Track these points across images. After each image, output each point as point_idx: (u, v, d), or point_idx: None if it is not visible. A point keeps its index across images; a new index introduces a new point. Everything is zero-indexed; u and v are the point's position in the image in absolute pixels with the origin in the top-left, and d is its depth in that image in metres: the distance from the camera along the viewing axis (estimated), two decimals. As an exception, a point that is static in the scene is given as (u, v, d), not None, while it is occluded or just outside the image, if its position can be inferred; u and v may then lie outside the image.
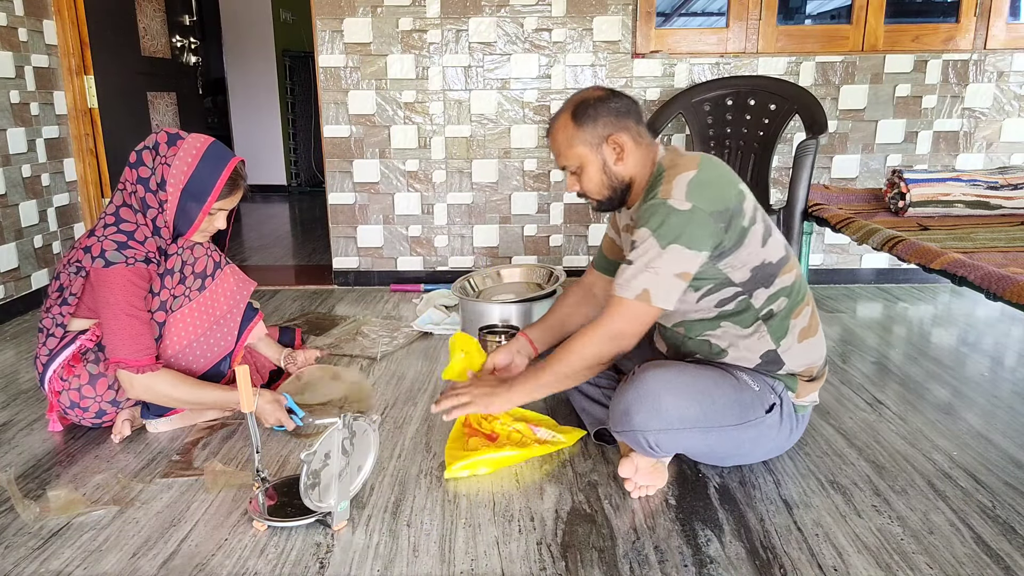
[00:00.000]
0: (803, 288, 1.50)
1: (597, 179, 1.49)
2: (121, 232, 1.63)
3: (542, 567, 1.26)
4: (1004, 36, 2.97)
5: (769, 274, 1.44)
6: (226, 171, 1.65)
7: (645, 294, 1.36)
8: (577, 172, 1.50)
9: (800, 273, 1.50)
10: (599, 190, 1.51)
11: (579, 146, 1.47)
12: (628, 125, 1.47)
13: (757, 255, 1.42)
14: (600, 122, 1.45)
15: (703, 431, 1.41)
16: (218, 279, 1.78)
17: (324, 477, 1.31)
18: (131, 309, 1.59)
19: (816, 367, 1.52)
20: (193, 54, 4.01)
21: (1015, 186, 2.23)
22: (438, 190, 3.18)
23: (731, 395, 1.43)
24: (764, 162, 2.78)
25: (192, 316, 1.72)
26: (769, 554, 1.28)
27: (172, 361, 1.70)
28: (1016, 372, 2.15)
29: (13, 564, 1.27)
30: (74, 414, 1.71)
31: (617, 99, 1.47)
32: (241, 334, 1.82)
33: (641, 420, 1.38)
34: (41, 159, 2.89)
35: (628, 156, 1.47)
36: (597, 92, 1.48)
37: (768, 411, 1.46)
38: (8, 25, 2.69)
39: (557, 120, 1.50)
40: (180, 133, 1.68)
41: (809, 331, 1.49)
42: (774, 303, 1.45)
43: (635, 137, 1.47)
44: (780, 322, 1.46)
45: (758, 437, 1.48)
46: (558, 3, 2.98)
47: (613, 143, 1.46)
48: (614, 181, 1.49)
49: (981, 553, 1.28)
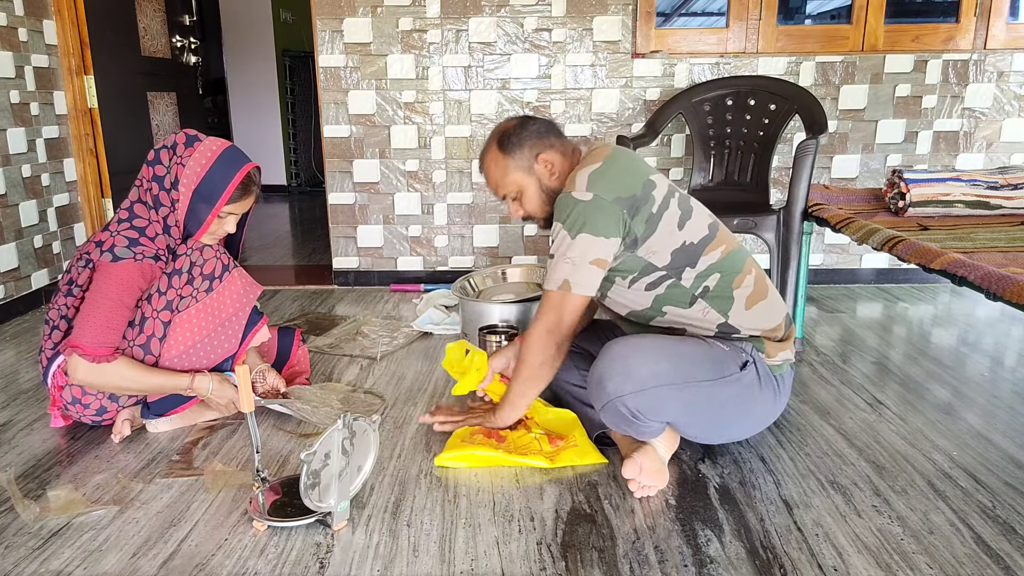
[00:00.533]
0: (738, 259, 1.54)
1: (537, 199, 1.60)
2: (133, 228, 1.64)
3: (542, 567, 1.26)
4: (1004, 36, 2.97)
5: (693, 254, 1.50)
6: (238, 175, 1.66)
7: (566, 284, 1.46)
8: (518, 198, 1.61)
9: (734, 246, 1.55)
10: (542, 208, 1.61)
11: (513, 172, 1.58)
12: (551, 142, 1.58)
13: (675, 238, 1.49)
14: (526, 146, 1.57)
15: (679, 388, 1.42)
16: (226, 282, 1.78)
17: (324, 477, 1.31)
18: (118, 303, 1.60)
19: (777, 328, 1.56)
20: (193, 54, 4.01)
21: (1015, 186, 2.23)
22: (438, 190, 3.18)
23: (701, 350, 1.48)
24: (764, 162, 2.78)
25: (198, 317, 1.72)
26: (769, 554, 1.28)
27: (175, 361, 1.70)
28: (1016, 372, 2.15)
29: (13, 564, 1.27)
30: (75, 410, 1.71)
31: (532, 122, 1.59)
32: (245, 338, 1.82)
33: (614, 386, 1.40)
34: (41, 159, 2.89)
35: (559, 169, 1.58)
36: (513, 122, 1.61)
37: (743, 368, 1.48)
38: (8, 25, 2.69)
39: (486, 156, 1.62)
40: (199, 135, 1.69)
41: (756, 296, 1.54)
42: (707, 279, 1.51)
43: (561, 151, 1.58)
44: (720, 295, 1.51)
45: (741, 397, 1.49)
46: (558, 3, 2.98)
47: (543, 161, 1.57)
48: (552, 196, 1.58)
49: (981, 553, 1.28)
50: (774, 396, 1.54)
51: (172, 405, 1.74)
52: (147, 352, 1.66)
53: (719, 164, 2.90)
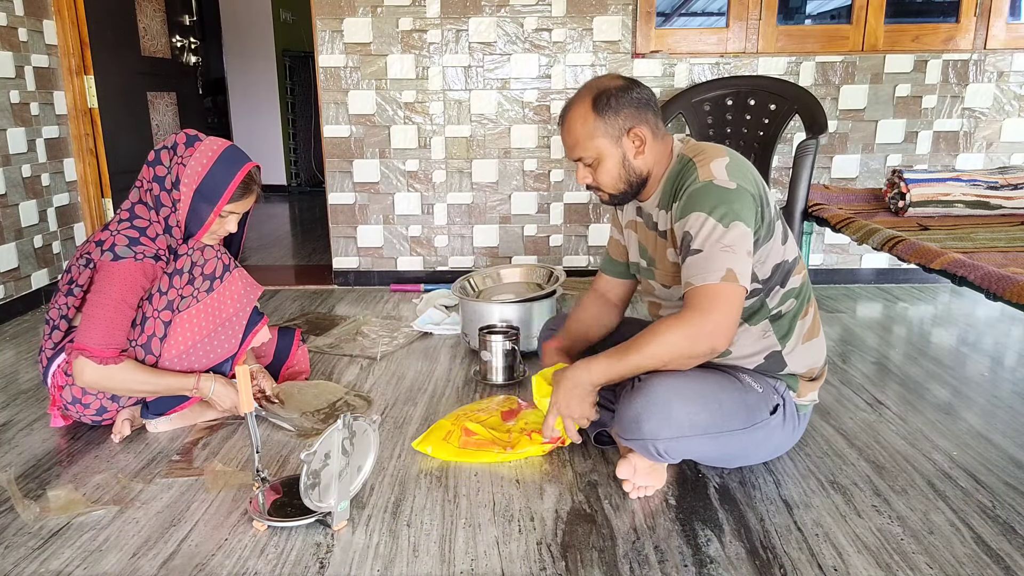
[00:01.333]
0: (809, 290, 1.51)
1: (615, 172, 1.44)
2: (134, 228, 1.64)
3: (542, 567, 1.26)
4: (1004, 36, 2.97)
5: (786, 272, 1.43)
6: (239, 175, 1.66)
7: (731, 274, 1.28)
8: (593, 164, 1.45)
9: (807, 275, 1.50)
10: (615, 184, 1.45)
11: (599, 138, 1.41)
12: (648, 117, 1.42)
13: (778, 252, 1.41)
14: (622, 114, 1.40)
15: (712, 437, 1.40)
16: (226, 282, 1.78)
17: (324, 477, 1.31)
18: (121, 303, 1.60)
19: (817, 367, 1.53)
20: (193, 54, 4.01)
21: (1015, 186, 2.23)
22: (438, 190, 3.18)
23: (737, 398, 1.42)
24: (764, 162, 2.78)
25: (199, 317, 1.72)
26: (769, 554, 1.28)
27: (175, 361, 1.70)
28: (1016, 372, 2.15)
29: (13, 564, 1.27)
30: (75, 410, 1.71)
31: (637, 89, 1.42)
32: (245, 338, 1.82)
33: (651, 428, 1.35)
34: (41, 159, 2.89)
35: (648, 150, 1.43)
36: (617, 81, 1.42)
37: (772, 412, 1.46)
38: (8, 25, 2.69)
39: (574, 109, 1.43)
40: (199, 135, 1.69)
41: (812, 332, 1.50)
42: (784, 303, 1.45)
43: (654, 130, 1.43)
44: (787, 323, 1.46)
45: (764, 439, 1.48)
46: (558, 3, 2.98)
47: (634, 136, 1.41)
48: (632, 175, 1.44)
49: (981, 553, 1.28)
50: (793, 431, 1.53)
51: (171, 405, 1.74)
52: (148, 352, 1.66)
53: (719, 164, 2.89)
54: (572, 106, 1.44)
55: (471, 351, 2.35)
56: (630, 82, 1.43)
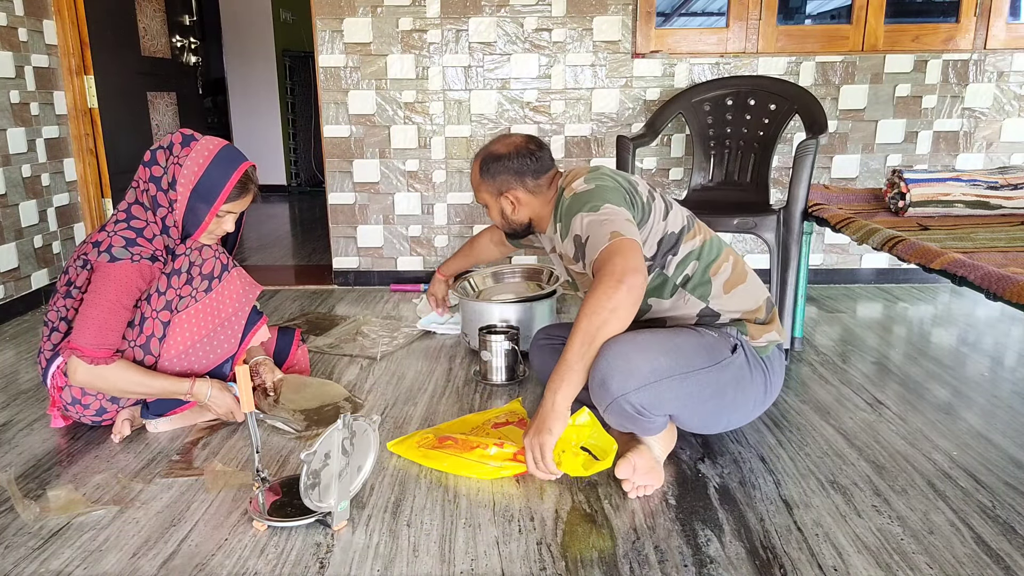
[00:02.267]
0: (715, 248, 1.61)
1: (499, 220, 1.76)
2: (131, 229, 1.63)
3: (542, 567, 1.26)
4: (1004, 36, 2.97)
5: (673, 243, 1.56)
6: (236, 174, 1.66)
7: (616, 235, 1.41)
8: (487, 208, 1.77)
9: (709, 237, 1.62)
10: (504, 225, 1.78)
11: (483, 193, 1.74)
12: (525, 183, 1.68)
13: (660, 228, 1.56)
14: (498, 179, 1.68)
15: (680, 379, 1.43)
16: (225, 281, 1.78)
17: (324, 477, 1.31)
18: (116, 304, 1.59)
19: (758, 310, 1.59)
20: (193, 54, 4.01)
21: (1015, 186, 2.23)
22: (438, 190, 3.18)
23: (694, 340, 1.50)
24: (764, 162, 2.78)
25: (197, 317, 1.72)
26: (769, 554, 1.28)
27: (174, 361, 1.70)
28: (1016, 372, 2.15)
29: (13, 564, 1.27)
30: (75, 411, 1.71)
31: (519, 158, 1.66)
32: (244, 337, 1.82)
33: (617, 384, 1.38)
34: (41, 159, 2.89)
35: (523, 206, 1.70)
36: (503, 150, 1.68)
37: (733, 351, 1.51)
38: (8, 25, 2.69)
39: (474, 163, 1.75)
40: (195, 135, 1.69)
41: (734, 280, 1.59)
42: (686, 267, 1.56)
43: (532, 191, 1.69)
44: (699, 282, 1.57)
45: (736, 381, 1.50)
46: (558, 3, 2.98)
47: (509, 197, 1.70)
48: (513, 224, 1.75)
49: (981, 553, 1.28)
50: (764, 379, 1.55)
51: (172, 405, 1.73)
52: (147, 352, 1.66)
53: (719, 164, 2.90)
54: (474, 160, 1.75)
55: (471, 351, 2.35)
56: (515, 151, 1.68)
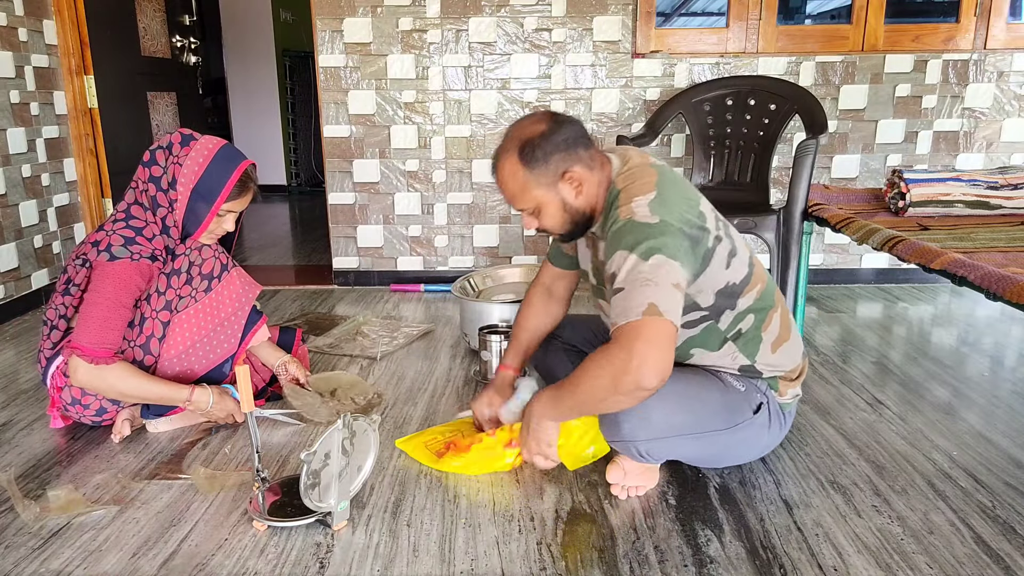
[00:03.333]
0: (768, 296, 1.46)
1: (559, 217, 1.40)
2: (130, 228, 1.63)
3: (542, 567, 1.26)
4: (1004, 36, 2.97)
5: (733, 295, 1.40)
6: (236, 173, 1.65)
7: (652, 308, 1.21)
8: (535, 213, 1.40)
9: (766, 281, 1.46)
10: (562, 226, 1.42)
11: (534, 190, 1.36)
12: (579, 155, 1.36)
13: (721, 277, 1.37)
14: (552, 162, 1.34)
15: (694, 438, 1.41)
16: (224, 281, 1.78)
17: (324, 477, 1.31)
18: (116, 303, 1.59)
19: (795, 368, 1.52)
20: (193, 54, 4.00)
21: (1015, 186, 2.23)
22: (438, 190, 3.18)
23: (718, 398, 1.43)
24: (764, 162, 2.78)
25: (197, 317, 1.72)
26: (769, 554, 1.28)
27: (174, 362, 1.70)
28: (1016, 372, 2.14)
29: (13, 564, 1.27)
30: (75, 411, 1.71)
31: (561, 128, 1.35)
32: (244, 337, 1.82)
33: (630, 430, 1.37)
34: (41, 159, 2.89)
35: (587, 187, 1.38)
36: (539, 127, 1.36)
37: (756, 411, 1.46)
38: (8, 25, 2.69)
39: (503, 164, 1.37)
40: (194, 134, 1.68)
41: (782, 337, 1.48)
42: (741, 322, 1.43)
43: (588, 165, 1.37)
44: (750, 338, 1.45)
45: (748, 438, 1.48)
46: (558, 3, 2.97)
47: (570, 179, 1.36)
48: (576, 216, 1.40)
49: (981, 553, 1.28)
50: (779, 430, 1.53)
51: (171, 405, 1.73)
52: (147, 352, 1.66)
53: (719, 164, 2.90)
54: (499, 160, 1.38)
55: (471, 351, 2.35)
56: (552, 123, 1.36)
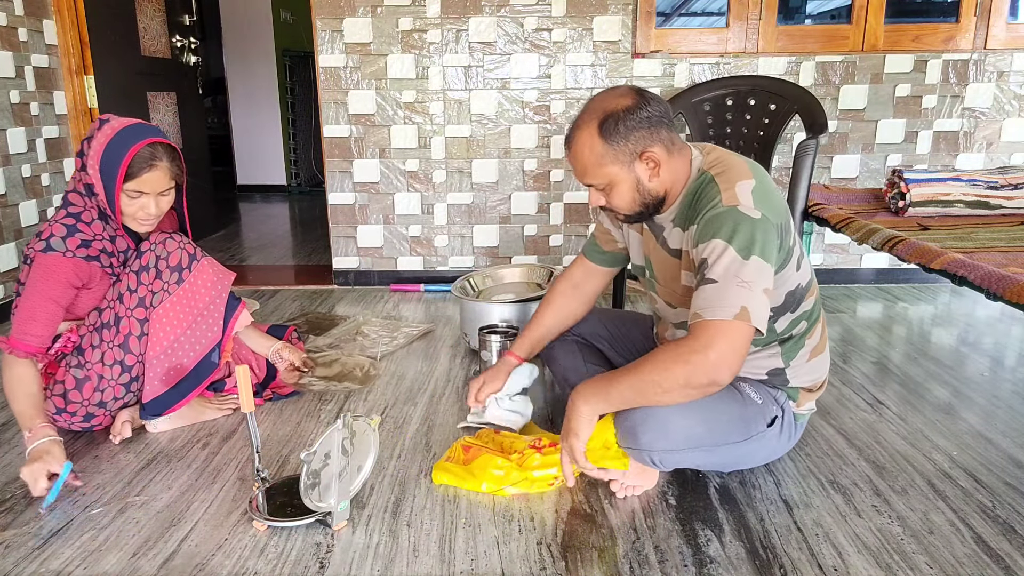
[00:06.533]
0: (819, 305, 1.48)
1: (629, 197, 1.35)
2: (69, 215, 1.63)
3: (542, 567, 1.26)
4: (1004, 36, 2.97)
5: (798, 298, 1.39)
6: (132, 150, 1.57)
7: (744, 312, 1.18)
8: (605, 189, 1.37)
9: (819, 294, 1.47)
10: (630, 207, 1.37)
11: (609, 165, 1.32)
12: (661, 135, 1.31)
13: (792, 279, 1.36)
14: (632, 137, 1.29)
15: (708, 450, 1.41)
16: (195, 271, 1.76)
17: (324, 477, 1.31)
18: (43, 295, 1.57)
19: (820, 380, 1.52)
20: (193, 54, 4.01)
21: (1015, 186, 2.23)
22: (438, 190, 3.18)
23: (735, 411, 1.42)
24: (764, 162, 2.78)
25: (175, 310, 1.71)
26: (769, 554, 1.28)
27: (161, 356, 1.69)
28: (1016, 372, 2.14)
29: (13, 564, 1.27)
30: (63, 419, 1.67)
31: (648, 106, 1.31)
32: (227, 324, 1.82)
33: (648, 440, 1.35)
34: (41, 159, 2.89)
35: (664, 170, 1.33)
36: (625, 100, 1.30)
37: (770, 424, 1.46)
38: (8, 25, 2.69)
39: (579, 135, 1.33)
40: (111, 117, 1.64)
41: (819, 349, 1.49)
42: (795, 327, 1.43)
43: (669, 147, 1.33)
44: (795, 343, 1.45)
45: (759, 449, 1.49)
46: (558, 3, 2.97)
47: (647, 159, 1.31)
48: (647, 197, 1.36)
49: (981, 553, 1.28)
50: (788, 441, 1.53)
51: (167, 404, 1.72)
52: (127, 351, 1.65)
53: (719, 164, 2.89)
54: (577, 130, 1.34)
55: (471, 351, 2.35)
56: (640, 98, 1.31)
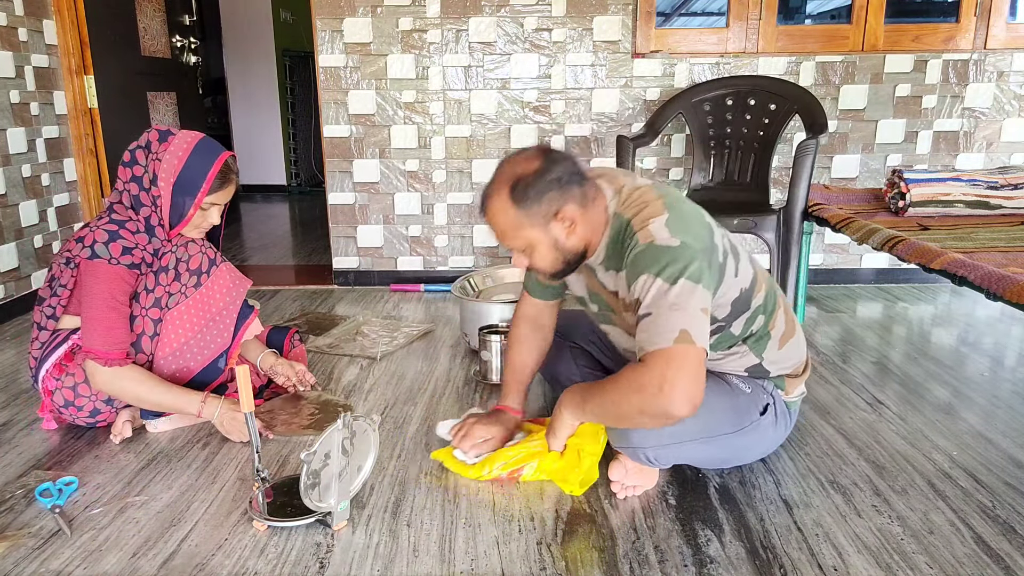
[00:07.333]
0: (772, 296, 1.46)
1: (551, 257, 1.36)
2: (112, 222, 1.64)
3: (542, 567, 1.26)
4: (1004, 36, 2.97)
5: (746, 300, 1.40)
6: (216, 164, 1.66)
7: (684, 335, 1.19)
8: (526, 252, 1.37)
9: (767, 279, 1.46)
10: (553, 265, 1.38)
11: (526, 229, 1.32)
12: (573, 193, 1.31)
13: (734, 287, 1.37)
14: (543, 200, 1.29)
15: (703, 442, 1.41)
16: (214, 276, 1.78)
17: (324, 477, 1.31)
18: (112, 301, 1.60)
19: (800, 364, 1.54)
20: (193, 54, 4.01)
21: (1015, 186, 2.23)
22: (438, 190, 3.18)
23: (726, 402, 1.43)
24: (764, 162, 2.78)
25: (189, 313, 1.72)
26: (769, 554, 1.28)
27: (169, 359, 1.70)
28: (1016, 372, 2.14)
29: (13, 564, 1.27)
30: (68, 413, 1.70)
31: (555, 166, 1.31)
32: (237, 331, 1.82)
33: (639, 438, 1.37)
34: (41, 159, 2.89)
35: (579, 226, 1.34)
36: (533, 164, 1.30)
37: (763, 412, 1.47)
38: (8, 25, 2.69)
39: (492, 201, 1.33)
40: (171, 130, 1.69)
41: (788, 334, 1.49)
42: (752, 325, 1.43)
43: (582, 202, 1.33)
44: (760, 336, 1.45)
45: (755, 441, 1.49)
46: (558, 3, 2.97)
47: (562, 219, 1.31)
48: (568, 255, 1.37)
49: (981, 553, 1.28)
50: (785, 428, 1.54)
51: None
52: (139, 350, 1.66)
53: (719, 164, 2.90)
54: (489, 198, 1.34)
55: (471, 351, 2.35)
56: (547, 160, 1.31)
